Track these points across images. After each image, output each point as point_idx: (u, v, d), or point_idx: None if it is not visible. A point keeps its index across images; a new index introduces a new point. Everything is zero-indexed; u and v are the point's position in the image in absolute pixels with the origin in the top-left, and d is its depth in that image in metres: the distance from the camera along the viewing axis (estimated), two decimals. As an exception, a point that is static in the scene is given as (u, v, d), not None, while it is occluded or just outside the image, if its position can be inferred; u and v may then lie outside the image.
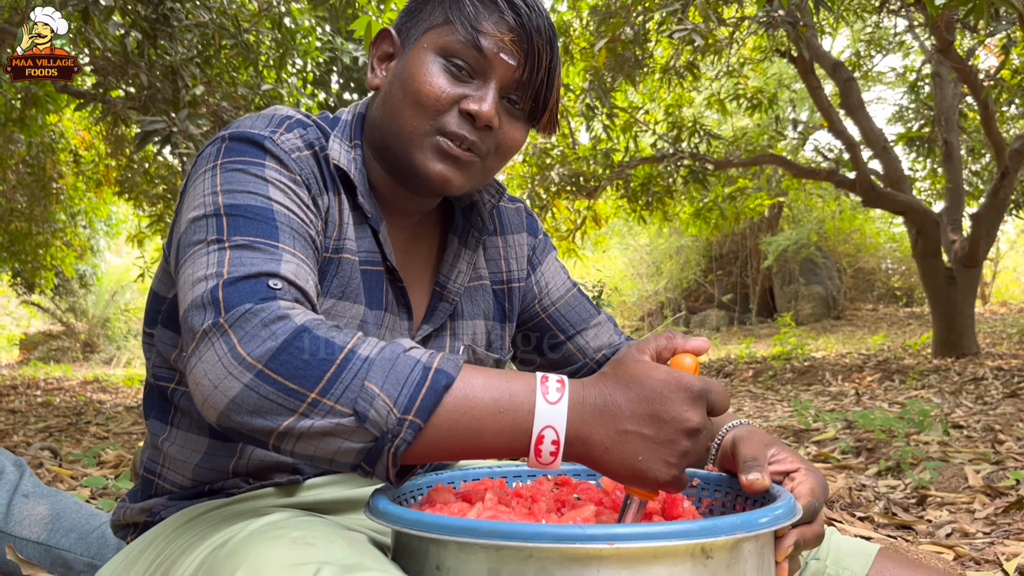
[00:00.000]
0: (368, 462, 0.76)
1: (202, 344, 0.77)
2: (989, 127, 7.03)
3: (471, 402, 0.75)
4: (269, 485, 1.03)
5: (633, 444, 0.75)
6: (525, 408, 0.76)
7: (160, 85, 4.58)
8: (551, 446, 0.75)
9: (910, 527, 2.30)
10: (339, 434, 0.74)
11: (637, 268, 17.69)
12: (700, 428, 0.75)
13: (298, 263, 0.86)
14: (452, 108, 0.99)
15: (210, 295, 0.79)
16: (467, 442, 0.76)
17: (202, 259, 0.83)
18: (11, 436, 4.81)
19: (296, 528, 0.80)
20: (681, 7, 5.39)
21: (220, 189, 0.90)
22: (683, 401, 0.75)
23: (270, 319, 0.76)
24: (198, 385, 0.77)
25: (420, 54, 1.00)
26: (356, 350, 0.75)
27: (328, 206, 1.00)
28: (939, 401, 4.94)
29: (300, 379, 0.74)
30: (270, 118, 1.00)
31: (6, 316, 19.80)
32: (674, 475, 0.76)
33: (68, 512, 1.53)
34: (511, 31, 0.99)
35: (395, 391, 0.74)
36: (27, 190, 8.79)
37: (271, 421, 0.74)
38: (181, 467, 1.05)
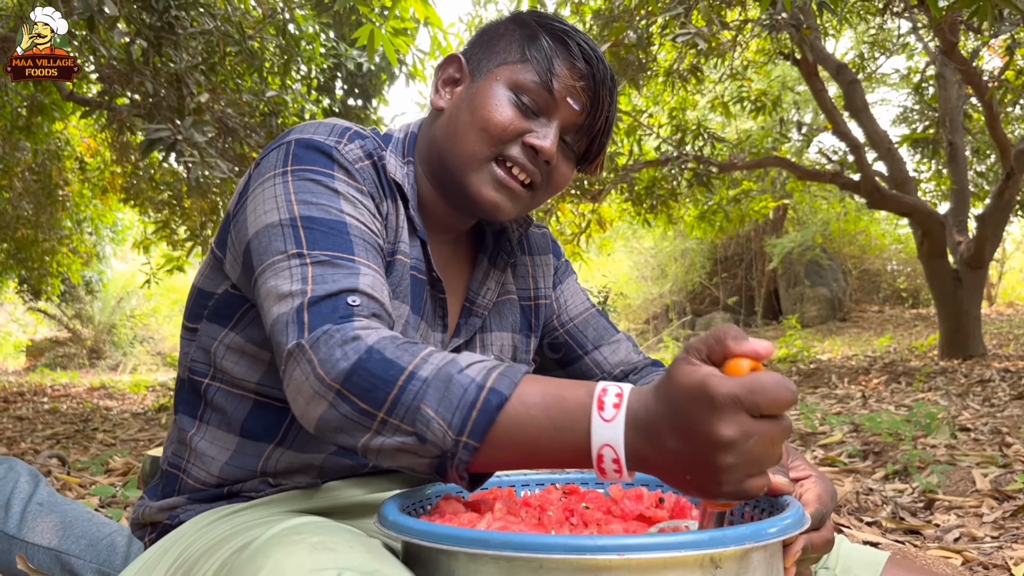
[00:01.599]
0: (439, 473, 0.81)
1: (290, 364, 0.83)
2: (994, 128, 7.02)
3: (525, 421, 0.76)
4: (290, 487, 1.05)
5: (678, 462, 0.71)
6: (581, 427, 0.74)
7: (165, 93, 4.60)
8: (613, 464, 0.73)
9: (918, 532, 2.30)
10: (408, 450, 0.79)
11: (642, 271, 17.69)
12: (733, 441, 0.66)
13: (374, 275, 0.92)
14: (516, 140, 1.06)
15: (295, 315, 0.85)
16: (529, 457, 0.78)
17: (285, 272, 0.89)
18: (19, 443, 4.83)
19: (316, 533, 0.81)
20: (684, 11, 5.40)
21: (295, 198, 0.95)
22: (707, 412, 0.67)
23: (345, 339, 0.81)
24: (293, 401, 0.84)
25: (492, 85, 1.06)
26: (416, 371, 0.79)
27: (387, 212, 1.06)
28: (946, 403, 4.93)
29: (370, 400, 0.79)
30: (331, 127, 1.05)
31: (13, 323, 19.86)
32: (727, 491, 0.70)
33: (79, 520, 1.54)
34: (582, 78, 1.06)
35: (449, 414, 0.77)
36: (33, 197, 8.81)
37: (352, 438, 0.81)
38: (209, 464, 1.06)
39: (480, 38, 1.13)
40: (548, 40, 1.06)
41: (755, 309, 15.67)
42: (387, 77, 6.89)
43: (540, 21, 1.09)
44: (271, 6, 5.58)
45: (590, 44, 1.08)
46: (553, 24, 1.08)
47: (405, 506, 0.89)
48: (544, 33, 1.07)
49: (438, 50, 5.94)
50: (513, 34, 1.09)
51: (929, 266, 7.72)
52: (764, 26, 5.66)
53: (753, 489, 0.70)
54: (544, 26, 1.08)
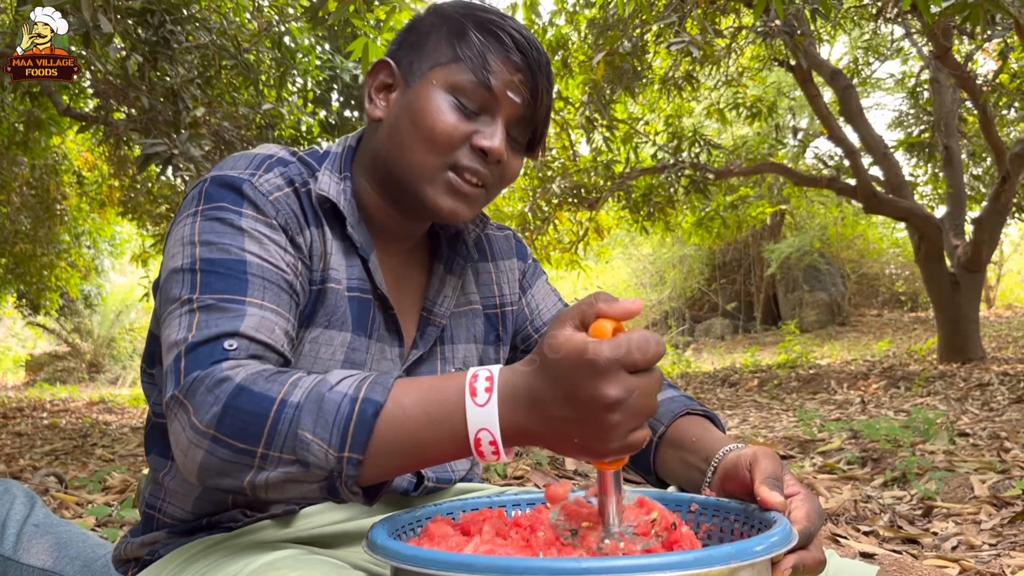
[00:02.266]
0: (331, 495, 0.80)
1: (169, 415, 0.83)
2: (989, 131, 7.04)
3: (404, 423, 0.77)
4: (266, 517, 1.04)
5: (564, 428, 0.74)
6: (457, 416, 0.76)
7: (161, 107, 4.61)
8: (490, 446, 0.76)
9: (916, 540, 2.30)
10: (295, 480, 0.79)
11: (640, 278, 17.69)
12: (618, 399, 0.70)
13: (262, 315, 0.90)
14: (464, 145, 1.02)
15: (174, 364, 0.85)
16: (413, 458, 0.79)
17: (175, 322, 0.89)
18: (18, 460, 4.82)
19: (294, 568, 0.82)
20: (678, 19, 5.42)
21: (198, 239, 0.94)
22: (590, 376, 0.70)
23: (213, 383, 0.80)
24: (176, 454, 0.83)
25: (429, 90, 1.02)
26: (288, 399, 0.78)
27: (311, 240, 1.02)
28: (945, 408, 4.93)
29: (245, 438, 0.78)
30: (251, 158, 1.03)
31: (12, 338, 19.85)
32: (615, 447, 0.73)
33: (74, 541, 1.54)
34: (518, 70, 1.03)
35: (326, 433, 0.76)
36: (31, 212, 8.83)
37: (236, 479, 0.80)
38: (181, 500, 1.05)
39: (406, 38, 1.09)
40: (478, 34, 1.02)
41: (754, 314, 15.67)
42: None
43: (465, 12, 1.05)
44: (266, 19, 5.60)
45: (521, 31, 1.04)
46: (480, 15, 1.04)
47: (393, 530, 0.89)
48: (472, 26, 1.03)
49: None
50: (440, 31, 1.05)
51: (927, 270, 7.73)
52: (758, 33, 5.69)
53: (637, 441, 0.74)
54: (471, 18, 1.04)
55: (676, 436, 1.10)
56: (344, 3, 3.95)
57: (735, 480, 0.96)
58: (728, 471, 0.97)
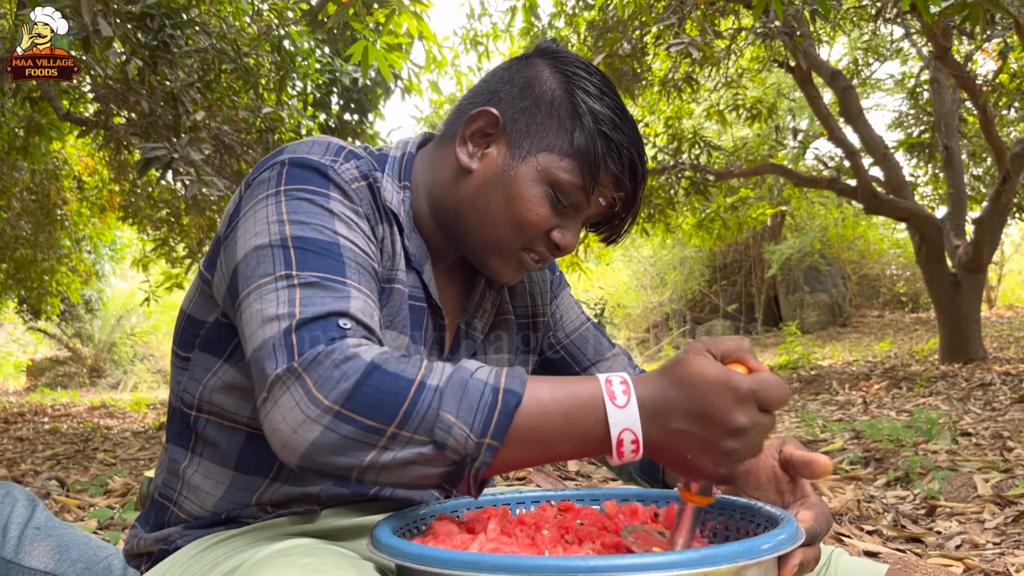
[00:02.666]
0: (449, 483, 0.80)
1: (276, 389, 0.79)
2: (989, 131, 7.03)
3: (543, 417, 0.78)
4: (286, 514, 1.03)
5: (682, 442, 0.77)
6: (594, 416, 0.78)
7: (161, 111, 4.61)
8: (632, 446, 0.78)
9: (919, 539, 2.29)
10: (420, 462, 0.77)
11: (641, 280, 17.69)
12: (745, 429, 0.75)
13: (364, 299, 0.88)
14: (544, 233, 1.05)
15: (283, 338, 0.81)
16: (543, 453, 0.80)
17: (271, 295, 0.85)
18: (19, 464, 4.82)
19: (306, 555, 0.81)
20: (677, 21, 5.42)
21: (287, 218, 0.91)
22: (729, 401, 0.74)
23: (341, 359, 0.78)
24: (275, 431, 0.79)
25: (532, 174, 1.02)
26: (426, 381, 0.78)
27: (383, 237, 1.02)
28: (947, 408, 4.92)
29: (377, 415, 0.76)
30: (326, 146, 1.01)
31: (12, 343, 19.85)
32: (722, 473, 0.77)
33: (76, 544, 1.54)
34: (622, 190, 1.04)
35: (469, 417, 0.77)
36: (32, 217, 8.82)
37: (354, 458, 0.77)
38: (203, 498, 1.04)
39: (522, 96, 1.04)
40: (596, 136, 1.00)
41: (755, 316, 15.66)
42: (382, 92, 6.91)
43: (588, 92, 1.02)
44: (266, 23, 5.61)
45: (634, 139, 1.03)
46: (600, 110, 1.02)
47: (398, 528, 0.88)
48: (592, 120, 1.01)
49: (433, 64, 5.96)
50: (560, 112, 1.02)
51: (928, 270, 7.73)
52: (758, 34, 5.69)
53: (739, 475, 0.78)
54: (592, 110, 1.01)
55: None
56: (343, 6, 3.95)
57: (756, 465, 0.97)
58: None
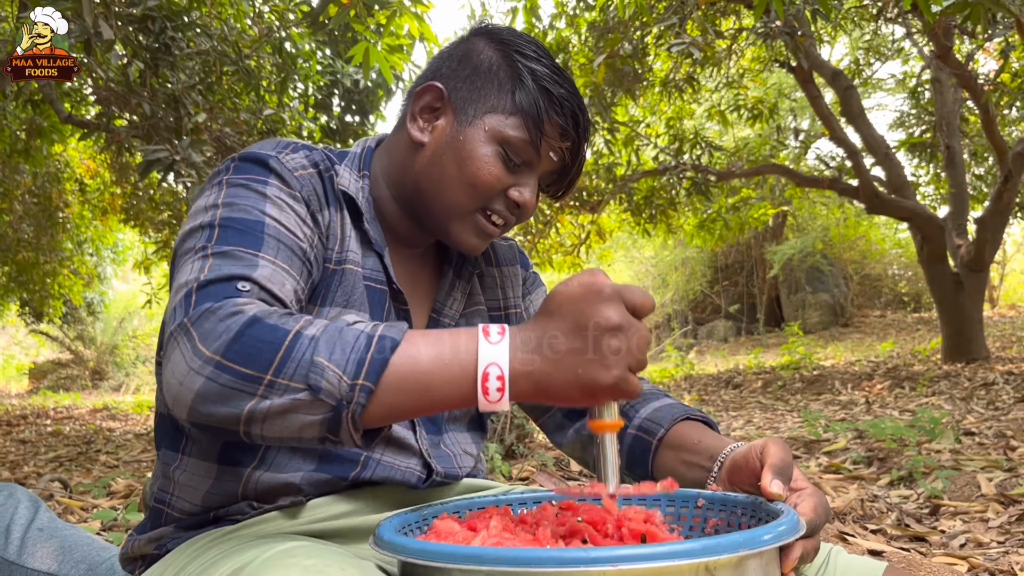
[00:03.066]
0: (331, 432, 0.80)
1: (169, 345, 0.82)
2: (990, 131, 7.03)
3: (417, 359, 0.80)
4: (273, 509, 1.04)
5: (569, 361, 0.79)
6: (469, 353, 0.80)
7: (162, 113, 4.61)
8: (496, 382, 0.79)
9: (923, 538, 2.29)
10: (298, 409, 0.78)
11: (643, 280, 17.68)
12: (621, 324, 0.78)
13: (274, 269, 0.91)
14: (500, 193, 1.08)
15: (183, 300, 0.85)
16: (419, 397, 0.80)
17: (186, 267, 0.90)
18: (22, 467, 4.82)
19: (309, 556, 0.81)
20: (679, 21, 5.42)
21: (221, 202, 0.97)
22: (596, 303, 0.78)
23: (225, 314, 0.80)
24: (168, 385, 0.81)
25: (480, 135, 1.06)
26: (303, 331, 0.79)
27: (329, 221, 1.06)
28: (950, 408, 4.92)
29: (254, 364, 0.78)
30: (277, 142, 1.07)
31: (15, 346, 19.87)
32: (616, 375, 0.79)
33: (79, 545, 1.54)
34: (566, 137, 1.08)
35: (343, 360, 0.78)
36: (33, 220, 8.84)
37: (235, 407, 0.79)
38: (191, 494, 1.06)
39: (459, 69, 1.10)
40: (536, 92, 1.05)
41: (757, 316, 15.65)
42: (384, 93, 6.91)
43: (523, 56, 1.08)
44: (267, 25, 5.61)
45: (574, 93, 1.08)
46: (536, 66, 1.07)
47: (400, 527, 0.89)
48: (531, 78, 1.06)
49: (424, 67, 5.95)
50: (498, 75, 1.07)
51: (930, 270, 7.72)
52: (759, 34, 5.69)
53: (634, 385, 0.80)
54: (528, 69, 1.06)
55: (676, 439, 1.12)
56: (344, 8, 3.95)
57: (745, 471, 0.97)
58: (738, 463, 0.99)
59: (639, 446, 1.15)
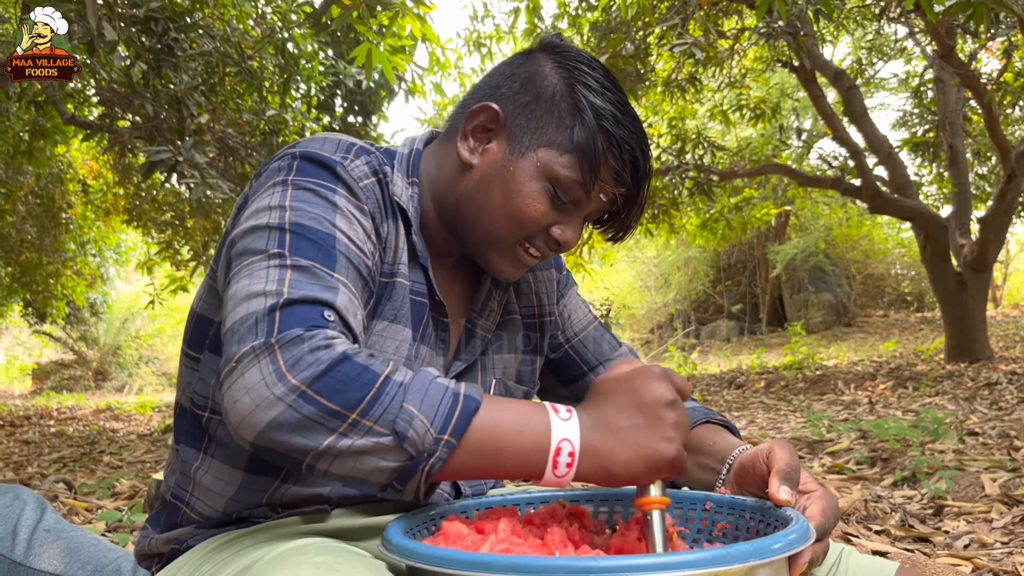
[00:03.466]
0: (400, 481, 0.79)
1: (247, 361, 0.78)
2: (994, 130, 7.02)
3: (496, 424, 0.81)
4: (296, 514, 1.04)
5: (631, 437, 0.82)
6: (542, 427, 0.82)
7: (165, 114, 4.62)
8: (567, 457, 0.81)
9: (927, 539, 2.29)
10: (377, 452, 0.78)
11: (645, 281, 17.67)
12: (674, 400, 0.83)
13: (350, 296, 0.89)
14: (543, 228, 1.05)
15: (267, 314, 0.81)
16: (492, 460, 0.82)
17: (262, 272, 0.86)
18: (26, 467, 4.83)
19: (319, 553, 0.81)
20: (681, 21, 5.42)
21: (289, 204, 0.92)
22: (652, 382, 0.83)
23: (316, 346, 0.78)
24: (236, 403, 0.78)
25: (530, 170, 1.02)
26: (392, 376, 0.79)
27: (388, 232, 1.03)
28: (953, 408, 4.91)
29: (342, 400, 0.76)
30: (337, 143, 1.02)
31: (18, 346, 19.90)
32: (677, 448, 0.82)
33: (85, 546, 1.54)
34: (623, 186, 1.03)
35: (431, 413, 0.78)
36: (37, 221, 8.85)
37: (312, 440, 0.77)
38: (213, 499, 1.04)
39: (523, 91, 1.04)
40: (597, 132, 1.00)
41: (759, 316, 15.64)
42: (386, 94, 6.91)
43: (589, 88, 1.02)
44: (270, 26, 5.61)
45: (636, 135, 1.02)
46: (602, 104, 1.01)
47: (409, 528, 0.89)
48: (593, 116, 1.00)
49: (437, 66, 5.96)
50: (560, 107, 1.01)
51: (933, 270, 7.71)
52: (761, 34, 5.68)
53: (683, 458, 0.83)
54: (593, 105, 1.00)
55: (695, 442, 1.11)
56: (347, 9, 3.95)
57: (752, 474, 0.97)
58: (745, 466, 0.99)
59: None
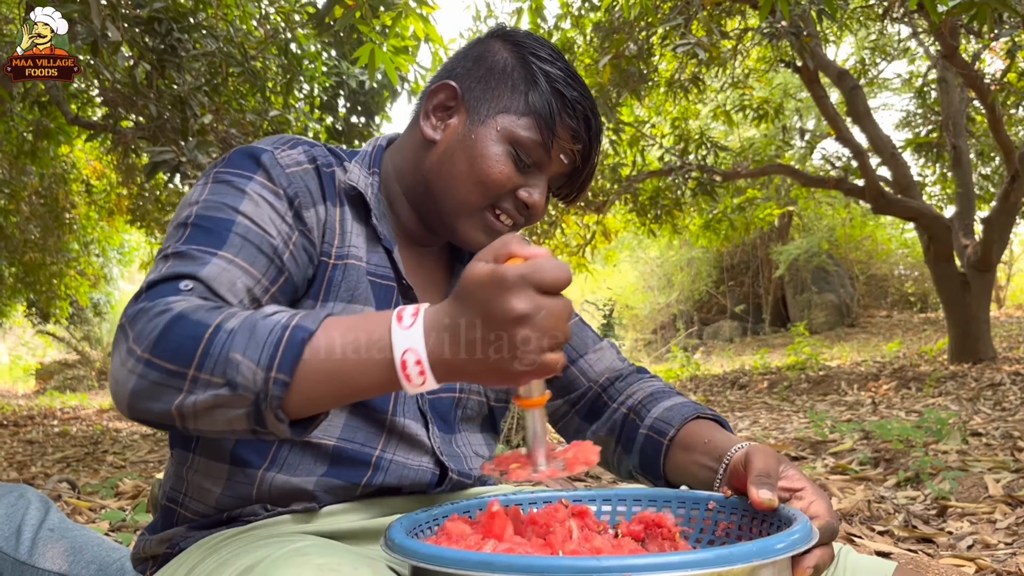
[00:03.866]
0: (259, 424, 0.80)
1: (113, 348, 0.85)
2: (997, 130, 7.01)
3: (332, 349, 0.79)
4: (287, 512, 1.04)
5: (480, 351, 0.77)
6: (383, 341, 0.79)
7: (169, 115, 4.62)
8: (416, 367, 0.78)
9: (931, 540, 2.29)
10: (222, 404, 0.79)
11: (648, 281, 17.67)
12: (527, 313, 0.74)
13: (225, 267, 0.92)
14: (510, 192, 1.08)
15: (132, 302, 0.88)
16: (339, 386, 0.80)
17: (153, 269, 0.93)
18: (29, 467, 4.84)
19: (321, 555, 0.81)
20: (684, 21, 5.41)
21: (200, 199, 0.99)
22: (499, 292, 0.75)
23: (156, 312, 0.82)
24: (111, 386, 0.85)
25: (491, 135, 1.07)
26: (223, 324, 0.80)
27: (324, 216, 1.05)
28: (956, 408, 4.91)
29: (178, 360, 0.79)
30: (281, 136, 1.08)
31: (22, 346, 19.94)
32: (528, 363, 0.76)
33: (89, 545, 1.55)
34: (578, 141, 1.09)
35: (256, 354, 0.78)
36: (40, 221, 8.87)
37: (165, 403, 0.81)
38: (204, 495, 1.06)
39: (476, 67, 1.11)
40: (551, 95, 1.06)
41: (763, 317, 15.63)
42: (389, 94, 6.92)
43: (539, 58, 1.09)
44: (273, 26, 5.62)
45: (586, 97, 1.09)
46: (551, 69, 1.08)
47: (411, 528, 0.89)
48: (548, 82, 1.07)
49: (439, 66, 5.97)
50: (514, 77, 1.08)
51: (936, 270, 7.70)
52: (764, 34, 5.68)
53: (550, 363, 0.77)
54: (543, 71, 1.08)
55: (687, 439, 1.11)
56: (350, 9, 3.95)
57: (738, 478, 0.97)
58: (735, 468, 0.99)
59: (651, 447, 1.15)
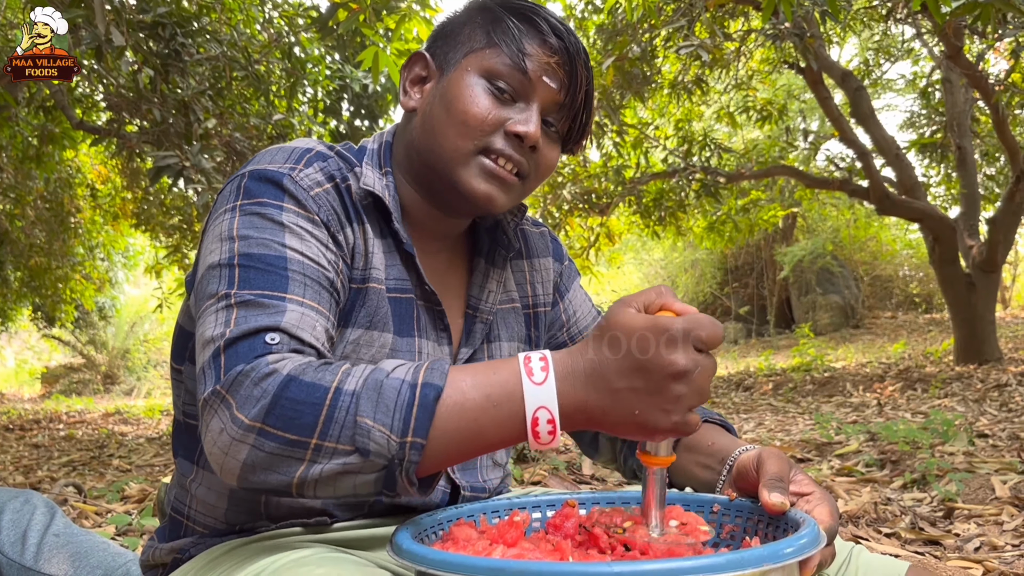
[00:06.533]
0: (388, 488, 0.78)
1: (206, 413, 0.80)
2: (1002, 131, 6.99)
3: (464, 406, 0.77)
4: (298, 524, 1.03)
5: (627, 400, 0.76)
6: (516, 396, 0.77)
7: (173, 119, 4.64)
8: (547, 426, 0.77)
9: (938, 542, 2.28)
10: (350, 471, 0.77)
11: (652, 283, 17.64)
12: (687, 370, 0.74)
13: (303, 311, 0.87)
14: (498, 130, 1.01)
15: (211, 360, 0.82)
16: (472, 442, 0.78)
17: (211, 317, 0.86)
18: (35, 471, 4.85)
19: (321, 564, 0.81)
20: (687, 23, 5.41)
21: (237, 234, 0.91)
22: (664, 346, 0.73)
23: (260, 376, 0.78)
24: (211, 455, 0.80)
25: (463, 76, 1.02)
26: (342, 387, 0.77)
27: (353, 239, 1.00)
28: (963, 410, 4.89)
29: (297, 429, 0.76)
30: (289, 152, 1.00)
31: (28, 350, 19.98)
32: (675, 421, 0.76)
33: (95, 550, 1.55)
34: (555, 54, 1.02)
35: (387, 418, 0.76)
36: (46, 225, 8.89)
37: (284, 475, 0.77)
38: (211, 511, 1.04)
39: (441, 31, 1.09)
40: (514, 20, 1.02)
41: (767, 318, 15.61)
42: (393, 97, 6.93)
43: (501, 2, 1.05)
44: (276, 30, 5.63)
45: (556, 18, 1.04)
46: (515, 4, 1.04)
47: (417, 534, 0.88)
48: (508, 14, 1.03)
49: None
50: (475, 21, 1.05)
51: (941, 271, 7.68)
52: (767, 36, 5.68)
53: (693, 423, 0.76)
54: (506, 7, 1.04)
55: (692, 441, 1.10)
56: (353, 13, 3.96)
57: (746, 480, 0.96)
58: (741, 471, 0.98)
59: None
